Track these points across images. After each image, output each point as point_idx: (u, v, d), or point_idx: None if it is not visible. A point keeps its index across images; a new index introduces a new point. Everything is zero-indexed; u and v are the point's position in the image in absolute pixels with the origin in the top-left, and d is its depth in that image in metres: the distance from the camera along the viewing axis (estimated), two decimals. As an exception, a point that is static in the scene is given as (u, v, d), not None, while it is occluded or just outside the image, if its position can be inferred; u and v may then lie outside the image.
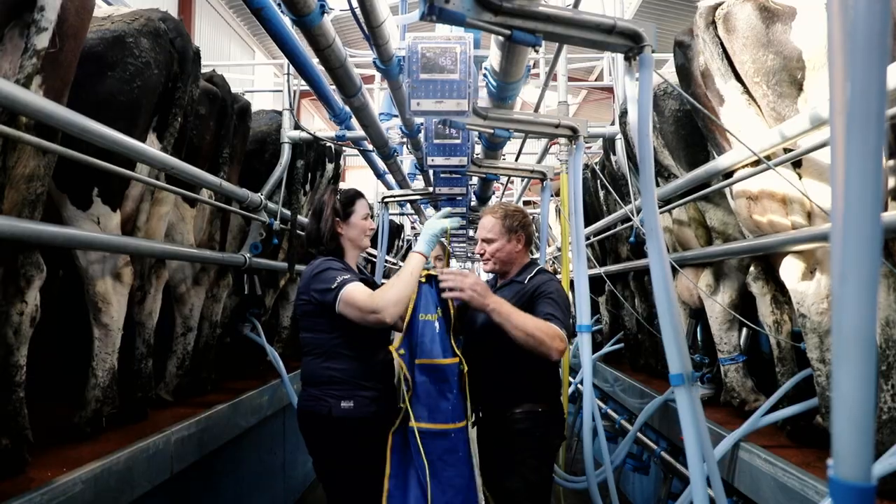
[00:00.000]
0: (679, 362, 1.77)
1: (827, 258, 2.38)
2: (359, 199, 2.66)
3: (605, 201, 5.32)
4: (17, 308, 2.20)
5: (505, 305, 2.40)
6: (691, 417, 1.74)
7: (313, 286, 2.41)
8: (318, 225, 2.57)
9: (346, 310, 2.31)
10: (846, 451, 0.72)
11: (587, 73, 15.49)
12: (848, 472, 0.73)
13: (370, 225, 2.66)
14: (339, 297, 2.31)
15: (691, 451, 1.77)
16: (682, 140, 3.39)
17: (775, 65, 2.34)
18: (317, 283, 2.40)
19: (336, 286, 2.33)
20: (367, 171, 7.05)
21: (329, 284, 2.35)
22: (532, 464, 2.56)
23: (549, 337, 2.36)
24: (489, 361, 2.65)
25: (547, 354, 2.37)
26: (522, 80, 2.75)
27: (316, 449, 2.49)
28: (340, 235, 2.58)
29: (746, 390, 3.23)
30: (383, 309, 2.26)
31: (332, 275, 2.38)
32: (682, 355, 1.78)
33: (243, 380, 4.32)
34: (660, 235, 1.77)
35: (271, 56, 15.08)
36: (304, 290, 2.46)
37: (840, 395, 0.71)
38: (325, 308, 2.38)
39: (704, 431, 1.77)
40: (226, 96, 3.71)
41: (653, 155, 1.95)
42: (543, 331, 2.36)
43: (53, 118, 2.11)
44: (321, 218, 2.58)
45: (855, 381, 0.70)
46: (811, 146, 2.16)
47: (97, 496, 2.21)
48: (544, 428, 2.61)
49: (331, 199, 2.61)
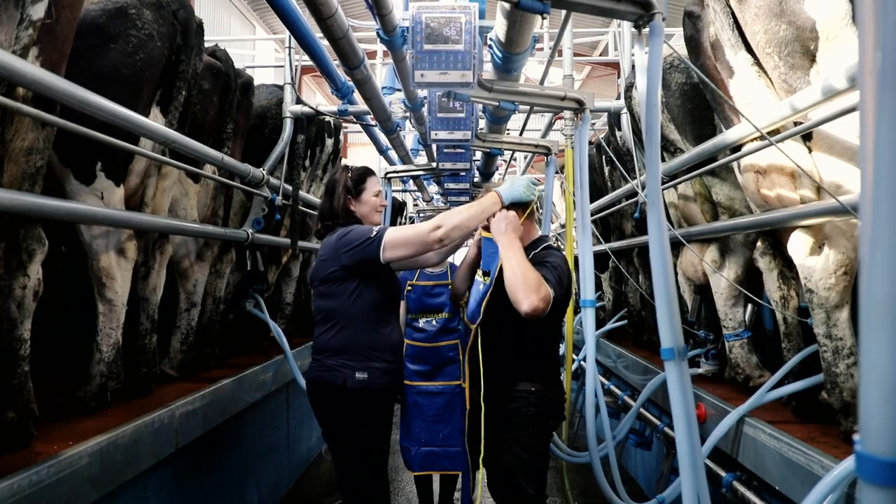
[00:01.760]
0: (671, 336, 1.76)
1: (836, 233, 2.36)
2: (370, 176, 2.71)
3: (609, 177, 5.28)
4: (19, 282, 2.19)
5: (514, 245, 2.42)
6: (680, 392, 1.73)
7: (344, 247, 2.44)
8: (332, 203, 2.63)
9: (397, 249, 2.37)
10: (875, 424, 0.69)
11: (591, 49, 15.32)
12: (877, 446, 0.69)
13: (381, 202, 2.72)
14: (382, 243, 2.37)
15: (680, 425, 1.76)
16: (688, 114, 3.34)
17: (788, 35, 2.29)
18: (349, 241, 2.44)
19: (375, 235, 2.39)
20: (370, 148, 7.01)
21: (366, 236, 2.40)
22: (526, 442, 2.57)
23: (533, 289, 2.27)
24: (489, 338, 2.66)
25: (517, 303, 2.29)
26: (528, 51, 2.70)
27: (327, 419, 2.51)
28: (353, 212, 2.63)
29: (751, 366, 3.22)
30: (446, 226, 2.34)
31: (363, 230, 2.44)
32: (674, 329, 1.77)
33: (247, 356, 4.33)
34: (660, 206, 1.75)
35: (272, 31, 14.92)
36: (332, 256, 2.48)
37: (869, 364, 0.69)
38: (359, 267, 2.43)
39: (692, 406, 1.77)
40: (229, 71, 3.67)
41: (660, 127, 1.92)
42: (528, 282, 2.29)
43: (51, 89, 2.07)
44: (334, 195, 2.63)
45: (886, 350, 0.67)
46: (823, 118, 2.12)
47: (103, 469, 2.22)
48: (538, 407, 2.61)
49: (342, 176, 2.66)
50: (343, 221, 2.60)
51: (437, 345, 3.71)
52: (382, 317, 2.54)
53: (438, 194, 9.58)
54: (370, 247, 2.39)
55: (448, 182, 6.56)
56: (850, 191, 2.21)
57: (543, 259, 2.57)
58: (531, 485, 2.55)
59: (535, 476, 2.59)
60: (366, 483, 2.50)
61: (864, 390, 0.70)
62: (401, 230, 2.40)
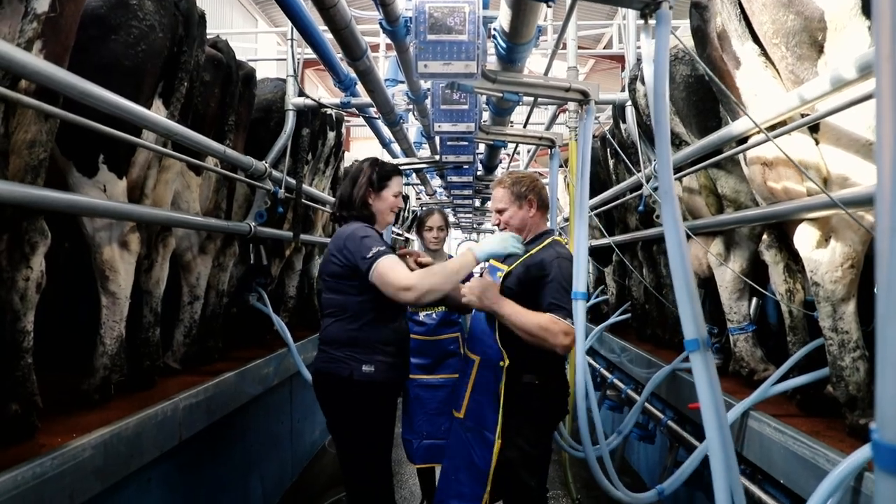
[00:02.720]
0: (694, 327, 1.74)
1: (842, 226, 2.34)
2: (396, 176, 2.73)
3: (614, 171, 5.26)
4: (22, 274, 2.18)
5: (508, 307, 2.49)
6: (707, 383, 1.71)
7: (349, 248, 2.45)
8: (352, 190, 2.65)
9: (378, 280, 2.37)
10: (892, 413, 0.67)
11: (595, 42, 15.25)
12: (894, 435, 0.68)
13: (399, 203, 2.74)
14: (373, 267, 2.37)
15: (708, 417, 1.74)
16: (693, 107, 3.32)
17: (796, 25, 2.26)
18: (353, 246, 2.45)
19: (372, 256, 2.39)
20: (373, 142, 6.99)
21: (365, 253, 2.40)
22: (529, 435, 2.57)
23: (552, 334, 2.45)
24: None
25: (552, 350, 2.49)
26: (533, 41, 2.68)
27: (332, 410, 2.52)
28: (369, 205, 2.65)
29: (756, 360, 3.21)
30: (418, 291, 2.33)
31: (369, 244, 2.43)
32: (696, 321, 1.75)
33: (250, 349, 4.33)
34: (674, 196, 1.73)
35: (274, 25, 14.88)
36: (337, 251, 2.49)
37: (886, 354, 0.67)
38: (357, 271, 2.43)
39: (720, 397, 1.74)
40: (231, 62, 3.65)
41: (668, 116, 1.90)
42: (546, 328, 2.45)
43: (54, 81, 2.06)
44: (356, 184, 2.65)
45: (905, 339, 0.66)
46: (830, 109, 2.09)
47: (106, 462, 2.22)
48: (541, 401, 2.61)
49: (370, 168, 2.67)
50: (357, 213, 2.62)
51: (437, 338, 3.70)
52: (389, 311, 2.55)
53: (442, 188, 9.56)
54: (364, 263, 2.40)
55: (451, 175, 6.55)
56: (858, 183, 2.19)
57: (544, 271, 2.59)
58: (533, 477, 2.55)
59: (536, 469, 2.59)
60: (370, 476, 2.50)
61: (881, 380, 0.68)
62: (388, 270, 2.36)
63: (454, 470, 2.71)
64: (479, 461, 2.60)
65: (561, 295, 2.53)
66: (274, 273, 4.95)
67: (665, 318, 4.52)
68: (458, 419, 2.78)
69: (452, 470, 2.72)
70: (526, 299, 2.58)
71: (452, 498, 2.66)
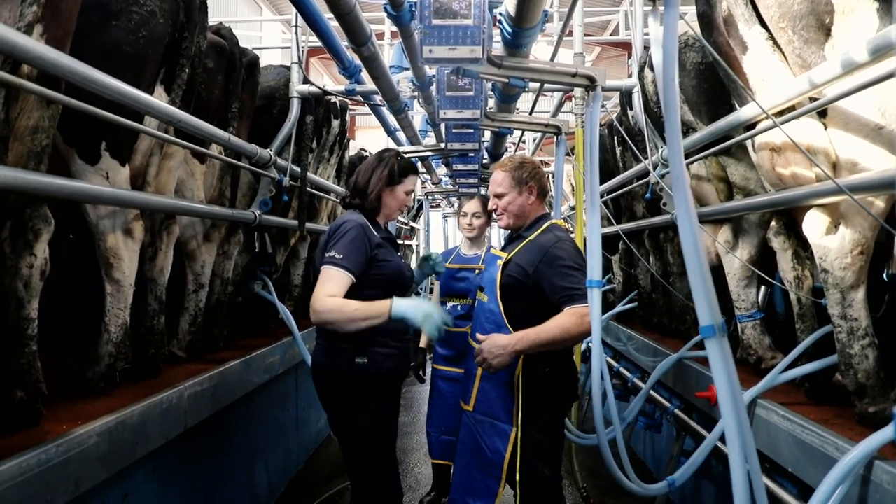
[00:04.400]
0: (710, 314, 1.72)
1: (852, 212, 2.31)
2: (412, 173, 2.71)
3: (621, 158, 5.22)
4: (26, 261, 2.17)
5: (525, 338, 2.42)
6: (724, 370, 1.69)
7: (332, 238, 2.46)
8: (370, 178, 2.62)
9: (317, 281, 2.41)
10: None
11: (601, 30, 15.12)
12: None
13: (408, 202, 2.73)
14: (322, 267, 2.40)
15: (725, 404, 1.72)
16: (703, 94, 3.28)
17: (802, 9, 2.23)
18: (334, 238, 2.45)
19: (330, 258, 2.39)
20: (377, 131, 6.97)
21: (332, 251, 2.41)
22: (542, 425, 2.55)
23: (577, 327, 2.42)
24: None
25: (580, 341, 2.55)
26: (539, 26, 2.64)
27: (329, 402, 2.52)
28: (381, 198, 2.63)
29: (763, 348, 3.19)
30: (317, 317, 2.32)
31: (341, 246, 2.42)
32: (711, 306, 1.72)
33: (255, 337, 4.33)
34: (685, 181, 1.70)
35: (279, 13, 14.82)
36: (328, 237, 2.49)
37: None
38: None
39: (737, 384, 1.72)
40: (234, 49, 3.63)
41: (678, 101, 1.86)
42: (568, 329, 2.41)
43: (56, 66, 2.04)
44: (373, 174, 2.62)
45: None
46: (840, 93, 2.06)
47: (111, 449, 2.22)
48: (553, 389, 2.59)
49: (391, 160, 2.66)
50: (368, 204, 2.61)
51: (460, 330, 3.68)
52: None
53: (447, 176, 9.53)
54: (322, 258, 2.43)
55: (457, 163, 6.51)
56: (867, 168, 2.16)
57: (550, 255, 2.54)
58: (546, 466, 2.54)
59: (549, 457, 2.57)
60: (371, 466, 2.50)
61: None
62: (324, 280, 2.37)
63: (466, 467, 2.68)
64: (493, 455, 2.57)
65: (569, 279, 2.48)
66: (279, 261, 4.94)
67: (672, 307, 4.49)
68: (467, 412, 2.74)
69: (465, 467, 2.70)
70: (528, 286, 2.56)
71: (467, 495, 2.64)
